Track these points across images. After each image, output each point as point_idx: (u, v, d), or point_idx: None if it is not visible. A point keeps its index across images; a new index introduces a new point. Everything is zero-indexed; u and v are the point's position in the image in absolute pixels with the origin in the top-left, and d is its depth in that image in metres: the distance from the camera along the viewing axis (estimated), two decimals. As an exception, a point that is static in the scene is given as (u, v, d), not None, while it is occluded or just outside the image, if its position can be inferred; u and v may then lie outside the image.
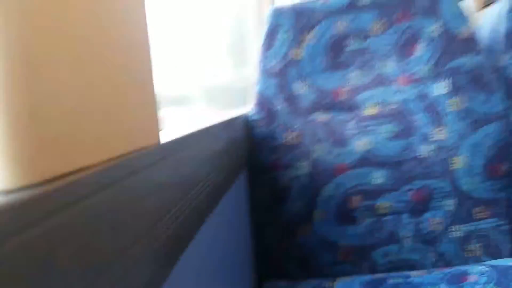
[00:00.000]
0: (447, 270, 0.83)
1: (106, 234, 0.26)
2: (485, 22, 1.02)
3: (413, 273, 0.84)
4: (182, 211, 0.41)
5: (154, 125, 0.36)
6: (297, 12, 0.94)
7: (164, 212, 0.35)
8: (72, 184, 0.23)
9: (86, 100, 0.26)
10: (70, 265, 0.21)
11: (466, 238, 0.87)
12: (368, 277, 0.84)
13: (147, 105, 0.35)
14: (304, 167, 0.90)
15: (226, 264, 0.68)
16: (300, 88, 0.92)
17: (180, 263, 0.41)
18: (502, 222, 0.88)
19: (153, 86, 0.35)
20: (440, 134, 0.87)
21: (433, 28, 0.90)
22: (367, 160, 0.89)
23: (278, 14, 0.95)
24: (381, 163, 0.89)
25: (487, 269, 0.79)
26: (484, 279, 0.76)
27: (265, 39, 0.95)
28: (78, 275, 0.22)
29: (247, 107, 0.97)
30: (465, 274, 0.79)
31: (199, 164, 0.51)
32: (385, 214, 0.89)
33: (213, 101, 1.41)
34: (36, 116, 0.22)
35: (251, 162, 0.91)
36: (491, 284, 0.74)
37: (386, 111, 0.90)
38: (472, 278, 0.77)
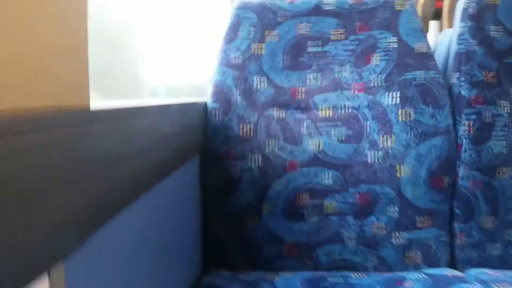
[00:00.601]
0: (386, 274, 0.85)
1: (6, 185, 0.26)
2: (442, 42, 1.06)
3: (353, 274, 0.86)
4: (110, 180, 0.41)
5: (83, 89, 0.36)
6: (262, 9, 0.96)
7: (83, 176, 0.35)
8: None
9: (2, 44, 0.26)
10: None
11: (407, 246, 0.90)
12: (309, 274, 0.86)
13: (77, 66, 0.35)
14: (256, 160, 0.91)
15: (167, 245, 0.68)
16: (259, 83, 0.94)
17: (103, 233, 0.42)
18: (442, 233, 0.91)
19: (86, 51, 0.36)
20: (388, 142, 0.90)
21: (390, 40, 0.93)
22: (318, 160, 0.91)
23: (243, 8, 0.96)
24: (331, 164, 0.91)
25: (423, 276, 0.82)
26: (419, 285, 0.79)
27: (228, 31, 0.96)
28: None
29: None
30: (402, 280, 0.82)
31: (141, 138, 0.51)
32: (331, 214, 0.91)
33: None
34: None
35: (205, 148, 0.91)
36: None
37: (339, 114, 0.92)
38: (407, 284, 0.80)
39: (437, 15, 1.97)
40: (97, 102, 0.43)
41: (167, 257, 0.68)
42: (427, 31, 1.92)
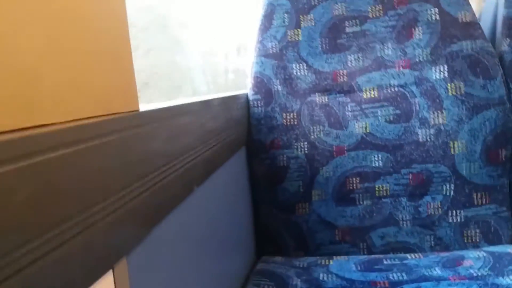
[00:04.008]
0: (443, 254, 0.83)
1: (69, 190, 0.27)
2: (488, 9, 1.01)
3: (410, 255, 0.84)
4: (163, 178, 0.43)
5: (131, 93, 0.37)
6: None
7: (139, 176, 0.37)
8: (32, 135, 0.24)
9: (54, 59, 0.28)
10: (19, 215, 0.23)
11: (465, 224, 0.87)
12: (364, 257, 0.85)
13: (123, 72, 0.36)
14: (302, 148, 0.91)
15: (222, 236, 0.70)
16: (298, 70, 0.93)
17: (161, 229, 0.43)
18: (503, 209, 0.87)
19: (130, 54, 0.37)
20: (439, 119, 0.87)
21: (431, 12, 0.90)
22: (366, 143, 0.89)
23: None
24: (380, 146, 0.89)
25: (484, 254, 0.79)
26: (479, 263, 0.76)
27: (262, 21, 0.95)
28: (27, 226, 0.23)
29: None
30: (461, 259, 0.79)
31: (189, 135, 0.52)
32: (384, 197, 0.89)
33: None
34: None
35: (250, 140, 0.92)
36: (486, 269, 0.74)
37: (385, 94, 0.90)
38: (467, 263, 0.77)
39: None
40: (145, 105, 0.44)
41: (222, 247, 0.70)
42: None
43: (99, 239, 0.31)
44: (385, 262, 0.82)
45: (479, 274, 0.73)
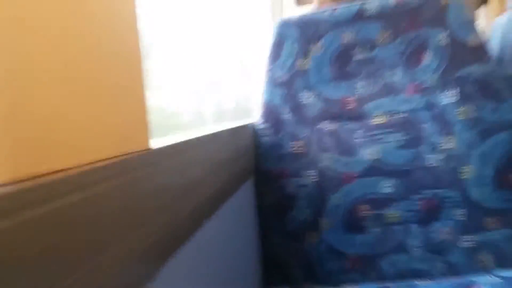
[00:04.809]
0: (454, 279, 0.82)
1: (82, 236, 0.27)
2: (496, 31, 1.01)
3: (421, 282, 0.83)
4: (174, 213, 0.42)
5: (143, 131, 0.37)
6: (304, 23, 0.95)
7: (149, 215, 0.36)
8: (47, 182, 0.24)
9: (68, 103, 0.27)
10: (37, 264, 0.22)
11: (477, 249, 0.86)
12: (374, 285, 0.83)
13: (136, 111, 0.36)
14: (311, 176, 0.90)
15: (230, 267, 0.69)
16: (307, 98, 0.93)
17: (172, 264, 0.42)
18: None
19: (143, 92, 0.37)
20: (449, 143, 0.86)
21: (440, 37, 0.90)
22: (375, 169, 0.89)
23: (285, 25, 0.96)
24: (389, 172, 0.88)
25: (496, 279, 0.77)
26: None
27: (272, 50, 0.96)
28: (45, 274, 0.23)
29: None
30: (472, 284, 0.78)
31: (198, 169, 0.52)
32: (393, 223, 0.88)
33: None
34: (12, 116, 0.23)
35: (258, 169, 0.92)
36: None
37: (394, 120, 0.90)
38: None
39: (485, 1, 1.88)
40: (156, 140, 0.44)
41: (229, 278, 0.69)
42: (477, 20, 1.83)
43: (109, 282, 0.30)
44: None
45: None
